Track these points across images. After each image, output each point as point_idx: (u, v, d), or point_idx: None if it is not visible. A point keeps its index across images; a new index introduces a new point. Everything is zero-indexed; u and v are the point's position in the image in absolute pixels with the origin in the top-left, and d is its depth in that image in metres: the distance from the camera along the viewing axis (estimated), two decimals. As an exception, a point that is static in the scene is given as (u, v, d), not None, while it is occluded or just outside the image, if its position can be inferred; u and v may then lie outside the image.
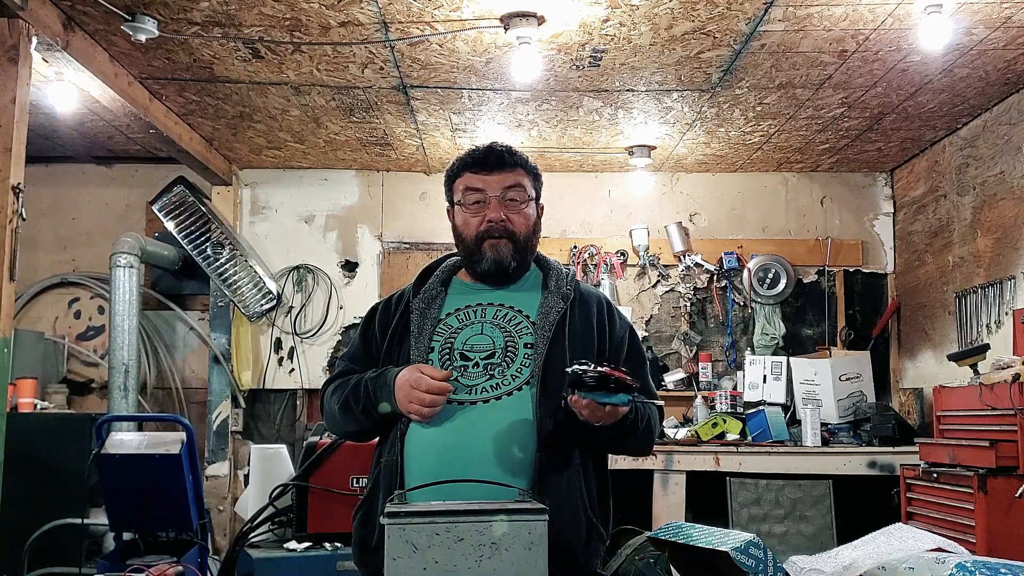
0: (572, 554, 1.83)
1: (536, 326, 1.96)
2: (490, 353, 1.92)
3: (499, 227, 1.99)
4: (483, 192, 2.01)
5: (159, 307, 6.05)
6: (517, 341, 1.94)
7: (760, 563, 1.53)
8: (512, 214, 2.01)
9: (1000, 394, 3.75)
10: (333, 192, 6.15)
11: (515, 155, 2.05)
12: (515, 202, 2.02)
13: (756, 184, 6.16)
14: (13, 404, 4.82)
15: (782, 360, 5.66)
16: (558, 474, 1.83)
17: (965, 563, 1.39)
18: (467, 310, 2.01)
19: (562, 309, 1.98)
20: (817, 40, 3.92)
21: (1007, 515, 3.65)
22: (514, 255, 2.01)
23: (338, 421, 2.03)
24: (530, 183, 2.05)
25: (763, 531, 4.88)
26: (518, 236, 2.01)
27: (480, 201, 2.01)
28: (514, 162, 2.04)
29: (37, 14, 3.46)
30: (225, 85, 4.51)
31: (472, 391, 1.88)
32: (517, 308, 2.01)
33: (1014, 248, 4.62)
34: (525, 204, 2.03)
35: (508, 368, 1.90)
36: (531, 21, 3.66)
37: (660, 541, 1.72)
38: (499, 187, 2.01)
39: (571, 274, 2.11)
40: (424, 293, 2.04)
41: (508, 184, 2.01)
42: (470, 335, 1.96)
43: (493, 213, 1.99)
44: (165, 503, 3.53)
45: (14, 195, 3.38)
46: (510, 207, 2.01)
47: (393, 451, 1.88)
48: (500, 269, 2.01)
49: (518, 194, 2.02)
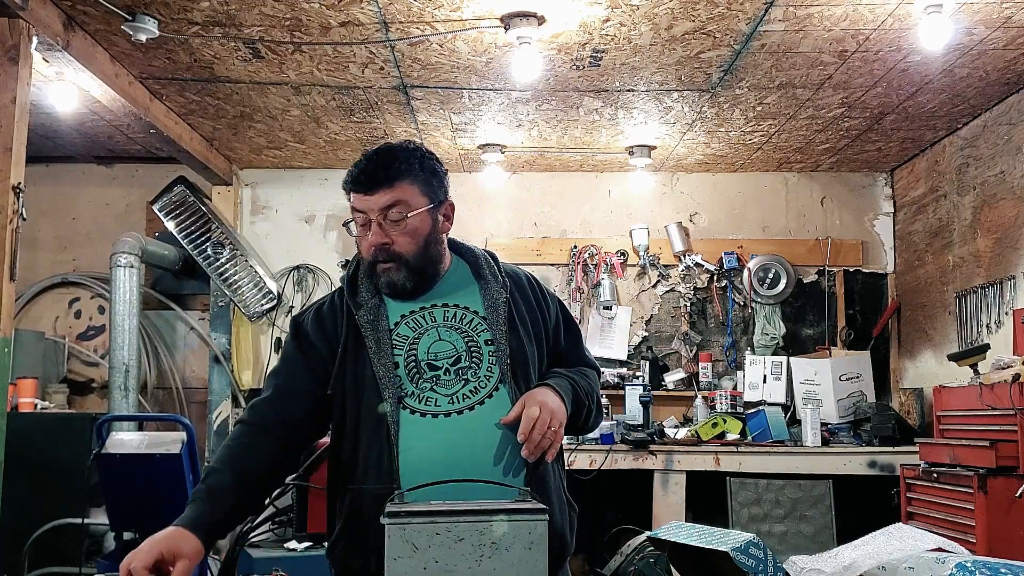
0: (563, 540, 1.89)
1: (488, 321, 1.92)
2: (456, 358, 1.87)
3: (383, 252, 1.87)
4: (364, 214, 1.88)
5: (159, 307, 6.05)
6: (477, 340, 1.90)
7: (760, 563, 1.53)
8: (396, 235, 1.87)
9: (1000, 394, 3.75)
10: (333, 192, 6.14)
11: (391, 168, 1.86)
12: (396, 223, 1.86)
13: (756, 184, 6.16)
14: (13, 404, 4.82)
15: (782, 360, 5.67)
16: (544, 464, 1.85)
17: (965, 563, 1.39)
18: (414, 316, 1.92)
19: (506, 298, 1.94)
20: (817, 40, 3.92)
21: (1007, 515, 3.65)
22: (408, 277, 1.89)
23: None
24: (417, 191, 1.89)
25: (763, 531, 4.88)
26: (406, 257, 1.88)
27: (365, 223, 1.89)
28: (389, 177, 1.86)
29: (37, 14, 3.46)
30: (225, 85, 4.51)
31: (453, 400, 1.84)
32: (464, 305, 1.94)
33: (1014, 248, 4.61)
34: (407, 221, 1.87)
35: (479, 370, 1.87)
36: (531, 21, 3.66)
37: (660, 541, 1.72)
38: (377, 208, 1.85)
39: (493, 255, 2.04)
40: (366, 304, 1.91)
41: (386, 204, 1.85)
42: (429, 343, 1.89)
43: (374, 238, 1.87)
44: (165, 503, 3.51)
45: (14, 195, 3.38)
46: (392, 228, 1.87)
47: (383, 478, 1.77)
48: (396, 291, 1.90)
49: (398, 213, 1.86)
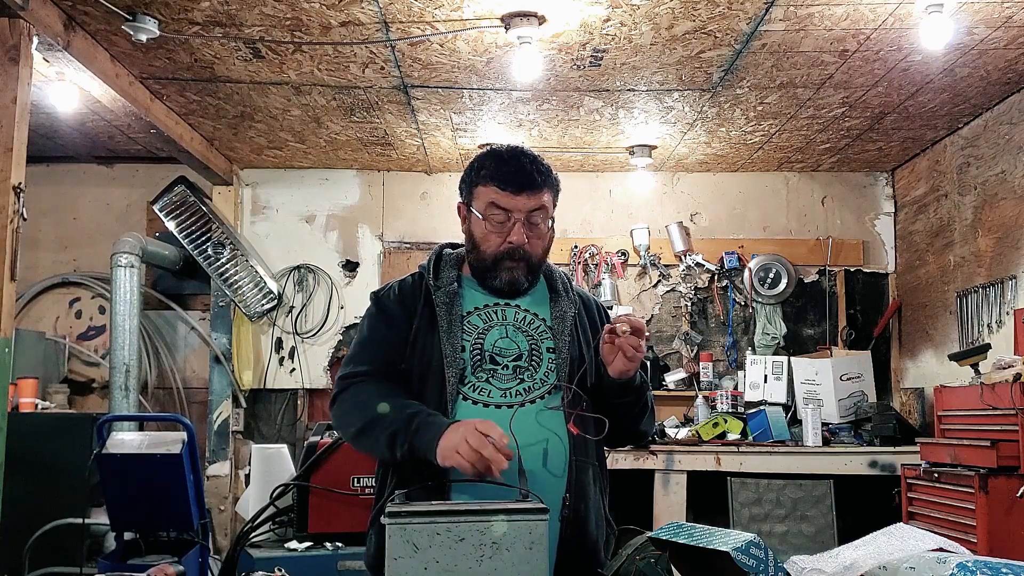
0: (599, 556, 1.92)
1: (553, 331, 1.99)
2: (517, 356, 1.94)
3: (519, 251, 1.95)
4: (508, 212, 1.94)
5: (160, 307, 6.05)
6: (540, 345, 1.97)
7: (761, 563, 1.53)
8: (533, 238, 1.97)
9: (1001, 394, 3.75)
10: (334, 192, 6.15)
11: (543, 174, 1.98)
12: (537, 226, 1.97)
13: (757, 184, 6.16)
14: (14, 404, 4.82)
15: (783, 360, 5.66)
16: (585, 473, 1.89)
17: (966, 563, 1.39)
18: (487, 310, 2.00)
19: (573, 314, 2.02)
20: (818, 40, 3.92)
21: (1008, 515, 3.64)
22: (527, 278, 1.99)
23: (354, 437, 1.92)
24: (552, 200, 2.01)
25: (764, 531, 4.88)
26: (533, 259, 1.98)
27: (503, 221, 1.95)
28: (540, 183, 1.96)
29: (38, 14, 3.46)
30: (226, 85, 4.51)
31: (506, 394, 1.90)
32: (534, 312, 2.02)
33: (1015, 248, 4.61)
34: (543, 227, 1.99)
35: (536, 372, 1.93)
36: (532, 21, 3.66)
37: (661, 541, 1.72)
38: (525, 210, 1.94)
39: (569, 278, 2.14)
40: (445, 286, 1.99)
41: (534, 207, 1.95)
42: (497, 338, 1.96)
43: (516, 237, 1.94)
44: (166, 503, 3.52)
45: (15, 195, 3.38)
46: (531, 229, 1.96)
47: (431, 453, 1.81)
48: (513, 289, 1.99)
49: (541, 216, 1.97)
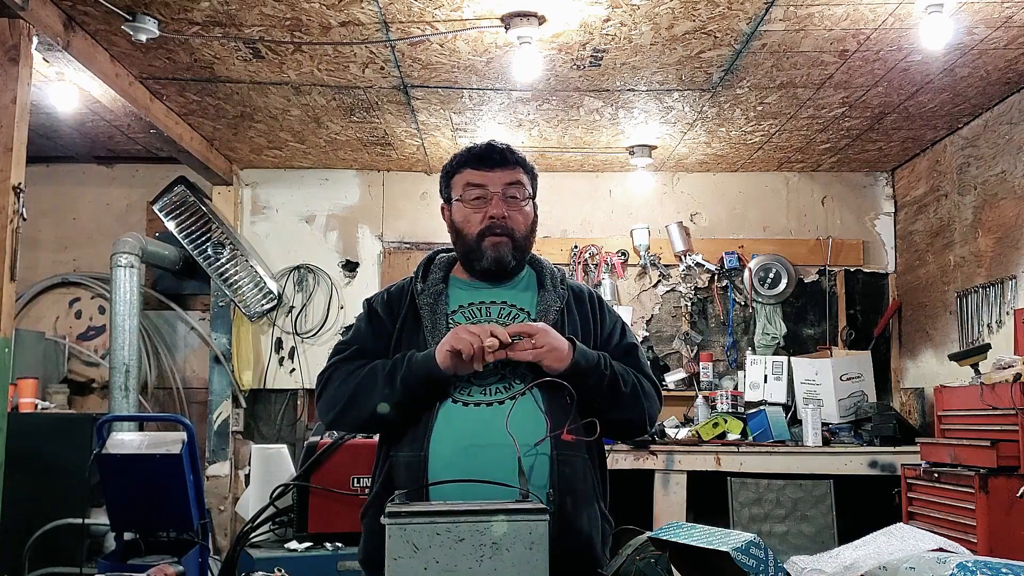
0: (593, 552, 1.90)
1: None
2: None
3: (500, 223, 1.99)
4: (484, 188, 2.00)
5: (160, 307, 6.05)
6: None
7: (761, 563, 1.53)
8: (513, 212, 2.01)
9: (1001, 394, 3.74)
10: (334, 192, 6.15)
11: (515, 153, 2.05)
12: (516, 199, 2.02)
13: (757, 184, 6.16)
14: (14, 404, 4.82)
15: (783, 360, 5.66)
16: (573, 468, 1.87)
17: (966, 563, 1.39)
18: (472, 308, 2.02)
19: (559, 307, 2.02)
20: (818, 40, 3.92)
21: (1008, 515, 3.64)
22: (513, 254, 2.01)
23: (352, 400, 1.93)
24: (528, 182, 2.06)
25: (764, 531, 4.88)
26: (517, 235, 2.01)
27: (481, 197, 2.00)
28: (514, 160, 2.04)
29: (38, 14, 3.46)
30: (226, 85, 4.51)
31: (487, 391, 1.90)
32: (519, 306, 2.03)
33: (1015, 248, 4.61)
34: (525, 202, 2.04)
35: (517, 367, 1.92)
36: (532, 21, 3.66)
37: (661, 541, 1.72)
38: (500, 184, 2.00)
39: (561, 271, 2.15)
40: (430, 288, 2.03)
41: (508, 181, 2.01)
42: None
43: (495, 209, 1.99)
44: (166, 503, 3.52)
45: (15, 195, 3.38)
46: (511, 204, 2.01)
47: (415, 447, 1.86)
48: (500, 267, 2.01)
49: (519, 191, 2.02)
